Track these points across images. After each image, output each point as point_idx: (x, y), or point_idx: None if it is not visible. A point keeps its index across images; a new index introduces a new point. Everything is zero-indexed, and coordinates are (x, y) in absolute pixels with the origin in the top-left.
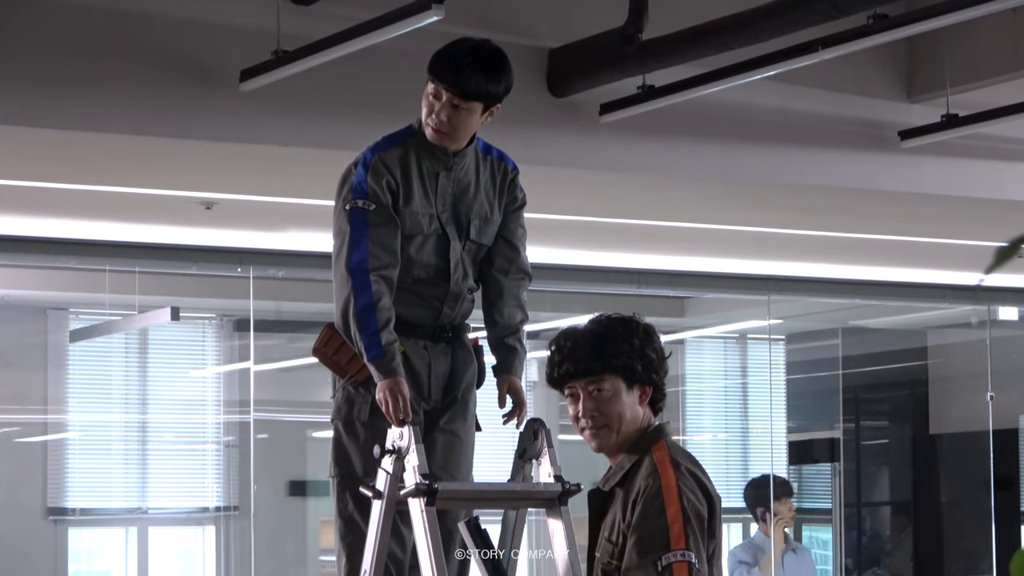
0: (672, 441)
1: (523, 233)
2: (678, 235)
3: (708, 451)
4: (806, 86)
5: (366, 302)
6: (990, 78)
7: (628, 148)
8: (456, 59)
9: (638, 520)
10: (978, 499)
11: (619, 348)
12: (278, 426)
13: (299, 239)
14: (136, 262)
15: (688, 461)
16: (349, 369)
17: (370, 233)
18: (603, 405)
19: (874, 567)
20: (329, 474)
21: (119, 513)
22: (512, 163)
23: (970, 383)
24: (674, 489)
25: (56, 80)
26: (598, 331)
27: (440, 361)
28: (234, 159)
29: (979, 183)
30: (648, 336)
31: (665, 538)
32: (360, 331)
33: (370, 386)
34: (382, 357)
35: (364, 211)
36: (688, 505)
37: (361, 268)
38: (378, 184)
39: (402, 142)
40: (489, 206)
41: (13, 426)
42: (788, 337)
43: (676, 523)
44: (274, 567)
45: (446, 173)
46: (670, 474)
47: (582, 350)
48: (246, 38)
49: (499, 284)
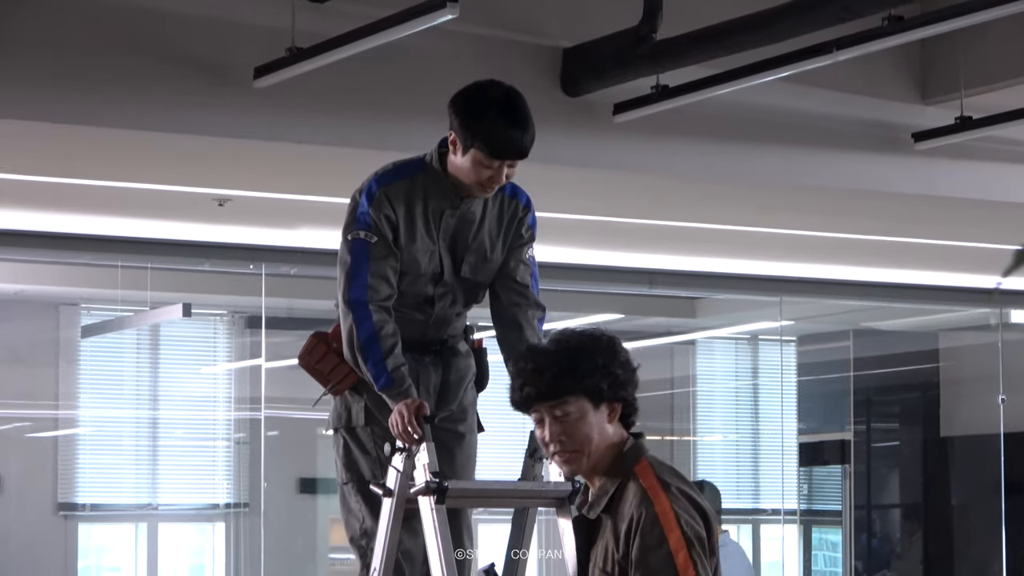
0: (653, 457)
1: (527, 267)
2: (690, 235)
3: (718, 452)
4: (820, 87)
5: (368, 333)
6: (1004, 80)
7: (641, 148)
8: (509, 129)
9: (640, 553)
10: (989, 503)
11: (582, 368)
12: (289, 423)
13: (312, 236)
14: (148, 258)
15: (676, 478)
16: (331, 378)
17: (370, 266)
18: (570, 428)
19: (884, 570)
20: (340, 481)
21: (129, 509)
22: (525, 199)
23: (982, 386)
24: (671, 515)
25: (70, 77)
26: (559, 351)
27: (429, 372)
28: (247, 156)
29: (993, 186)
30: (613, 351)
31: (672, 569)
32: (366, 362)
33: (361, 391)
34: (391, 385)
35: (366, 243)
36: (688, 529)
37: (361, 301)
38: (379, 217)
39: (410, 175)
40: (491, 244)
41: (24, 421)
42: (799, 338)
43: (680, 551)
44: (284, 564)
45: (451, 211)
46: (663, 500)
47: (544, 372)
48: (260, 35)
49: (513, 319)
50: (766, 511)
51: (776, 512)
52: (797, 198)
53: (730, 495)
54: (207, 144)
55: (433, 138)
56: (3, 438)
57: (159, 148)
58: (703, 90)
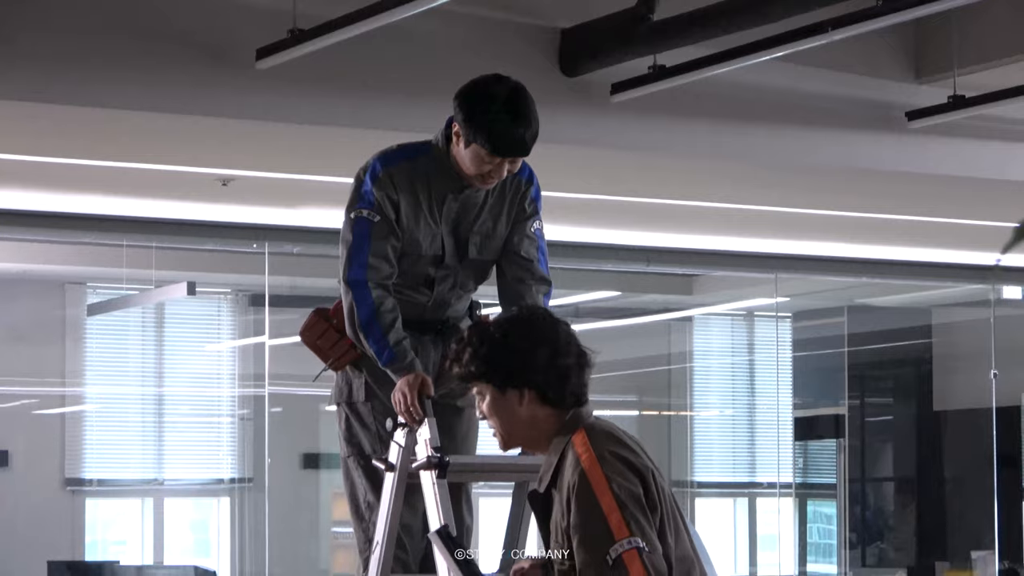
0: (592, 423)
1: (532, 241)
2: (687, 213)
3: (715, 427)
4: (815, 66)
5: (368, 311)
6: (997, 59)
7: (638, 128)
8: (511, 127)
9: (575, 518)
10: (981, 475)
11: (480, 355)
12: (292, 400)
13: (314, 215)
14: (153, 237)
15: (611, 442)
16: (332, 354)
17: (371, 246)
18: (486, 409)
19: (877, 542)
20: (342, 455)
21: (135, 484)
22: (527, 173)
23: (974, 361)
24: (602, 480)
25: (74, 58)
26: (473, 337)
27: (429, 350)
28: (250, 136)
29: (985, 164)
30: (503, 339)
31: (607, 531)
32: (368, 340)
33: (362, 366)
34: (395, 359)
35: (368, 222)
36: (620, 490)
37: (360, 281)
38: (383, 197)
39: (414, 157)
40: (494, 221)
41: (32, 398)
42: (795, 315)
43: (612, 513)
44: (287, 538)
45: (455, 196)
46: (595, 465)
47: (458, 356)
48: (262, 17)
49: (517, 294)
50: (762, 485)
51: (772, 486)
52: (792, 176)
53: (726, 469)
54: (211, 125)
55: (432, 119)
56: (11, 415)
57: (163, 129)
58: (700, 70)
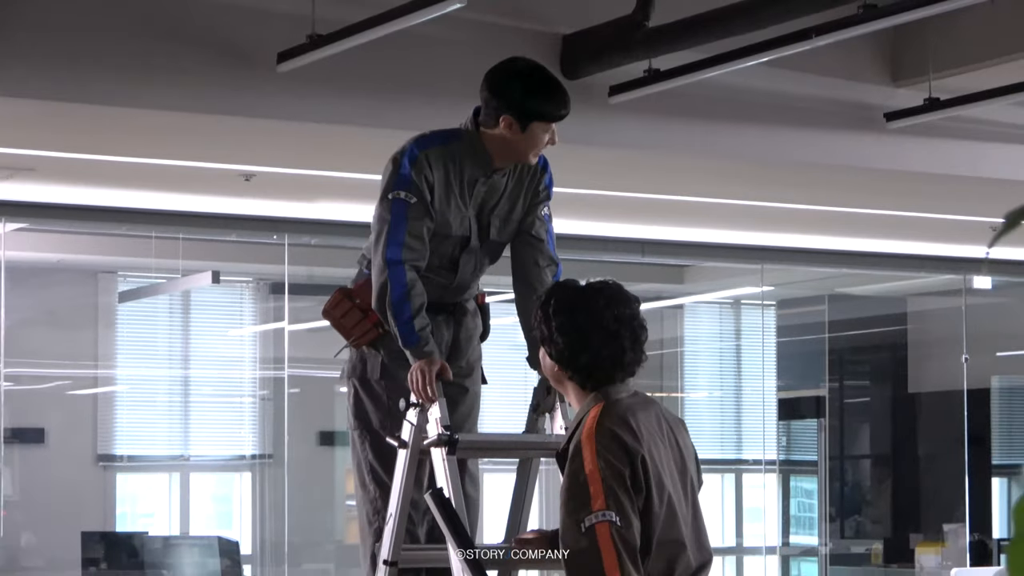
0: (614, 403)
1: (543, 223)
2: (679, 208)
3: (704, 408)
4: (800, 71)
5: (401, 292)
6: (970, 64)
7: (635, 127)
8: (553, 91)
9: (564, 482)
10: (952, 453)
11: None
12: (309, 381)
13: (331, 209)
14: (180, 229)
15: (616, 422)
16: (354, 332)
17: (408, 226)
18: (548, 372)
19: (855, 515)
20: (349, 427)
21: (163, 460)
22: (542, 161)
23: (946, 346)
24: (593, 451)
25: (109, 62)
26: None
27: (442, 330)
28: (271, 135)
29: (959, 162)
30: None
31: (587, 499)
32: (395, 319)
33: (379, 346)
34: (417, 344)
35: (405, 203)
36: (606, 466)
37: (397, 260)
38: (420, 179)
39: (446, 142)
40: (511, 205)
41: (66, 379)
42: (779, 303)
43: (594, 483)
44: (305, 510)
45: (484, 180)
46: (591, 436)
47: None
48: (283, 22)
49: (529, 279)
50: (748, 461)
51: (757, 462)
52: (778, 173)
53: (715, 447)
54: (234, 124)
55: (442, 118)
56: (47, 395)
57: (190, 127)
58: (692, 73)
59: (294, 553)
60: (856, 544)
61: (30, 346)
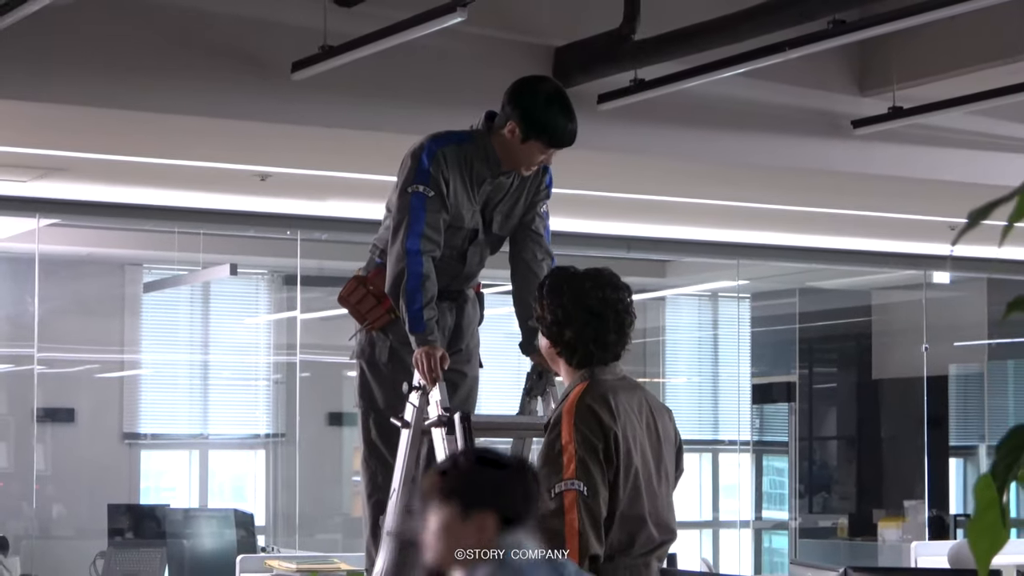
0: (597, 382)
1: (542, 219)
2: (662, 207)
3: (683, 392)
4: (773, 81)
5: (416, 281)
6: (931, 76)
7: (622, 132)
8: (567, 124)
9: (542, 448)
10: (913, 435)
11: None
12: (319, 366)
13: (340, 207)
14: (201, 225)
15: (596, 400)
16: (368, 317)
17: (427, 217)
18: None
19: (823, 492)
20: (355, 406)
21: (184, 438)
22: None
23: (908, 336)
24: (569, 422)
25: (136, 70)
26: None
27: (446, 316)
28: (286, 138)
29: (920, 166)
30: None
31: (558, 467)
32: (408, 306)
33: (388, 331)
34: (423, 331)
35: (424, 196)
36: (579, 437)
37: (415, 249)
38: (438, 174)
39: (460, 142)
40: (514, 202)
41: (95, 363)
42: (753, 295)
43: (566, 453)
44: (315, 485)
45: (491, 180)
46: (570, 409)
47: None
48: (297, 34)
49: (528, 271)
50: (724, 442)
51: (733, 443)
52: (753, 175)
53: (694, 428)
54: (252, 128)
55: (444, 123)
56: (77, 378)
57: (211, 131)
58: (675, 83)
59: (305, 525)
60: (823, 519)
61: (62, 333)
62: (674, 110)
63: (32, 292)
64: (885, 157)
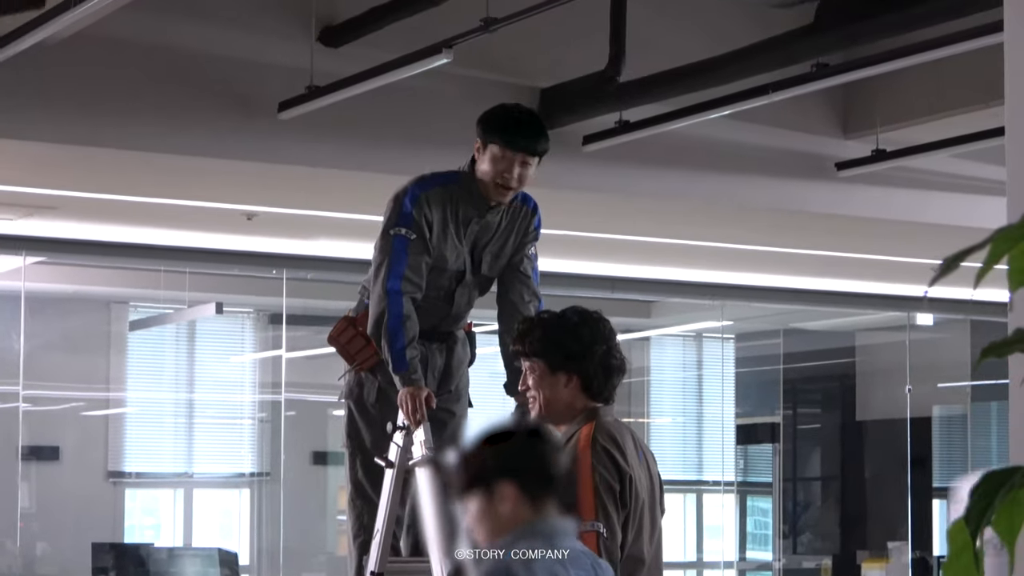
0: (605, 422)
1: (530, 261)
2: (646, 248)
3: (667, 432)
4: (757, 123)
5: (397, 320)
6: (914, 119)
7: (606, 173)
8: (521, 125)
9: None
10: (896, 476)
11: (539, 336)
12: (305, 405)
13: (326, 246)
14: (187, 263)
15: (608, 440)
16: (357, 358)
17: (408, 260)
18: (534, 382)
19: (807, 532)
20: (342, 446)
21: (168, 477)
22: (532, 204)
23: (891, 378)
24: (588, 463)
25: (122, 110)
26: (539, 321)
27: (436, 356)
28: (272, 177)
29: (903, 208)
30: (575, 330)
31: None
32: (389, 346)
33: (377, 372)
34: (406, 371)
35: (406, 239)
36: (600, 479)
37: (396, 291)
38: (420, 218)
39: (446, 183)
40: (503, 243)
41: (80, 401)
42: (737, 336)
43: (587, 495)
44: (300, 524)
45: (478, 219)
46: (586, 450)
47: (523, 336)
48: (284, 74)
49: (515, 312)
50: (708, 482)
51: (717, 483)
52: (737, 216)
53: (678, 468)
54: (238, 167)
55: (431, 164)
56: (62, 415)
57: (197, 169)
58: (659, 125)
59: (289, 564)
60: (807, 559)
61: (47, 370)
62: (659, 151)
63: (18, 329)
64: (868, 199)
